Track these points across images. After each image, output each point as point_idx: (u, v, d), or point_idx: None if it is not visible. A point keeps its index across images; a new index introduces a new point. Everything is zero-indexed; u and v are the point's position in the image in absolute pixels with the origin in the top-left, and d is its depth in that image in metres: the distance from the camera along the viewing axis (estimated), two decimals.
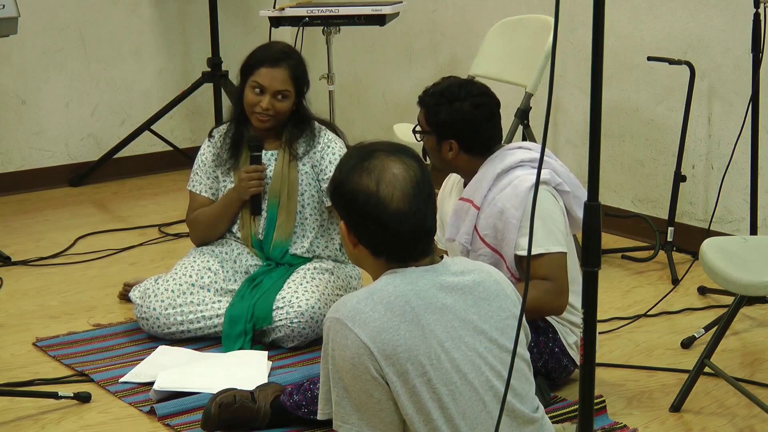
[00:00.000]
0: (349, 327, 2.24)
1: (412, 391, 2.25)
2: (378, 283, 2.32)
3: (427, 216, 2.34)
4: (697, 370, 3.15)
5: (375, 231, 2.32)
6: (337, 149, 3.77)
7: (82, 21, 5.85)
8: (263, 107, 3.67)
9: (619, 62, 4.72)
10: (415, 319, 2.26)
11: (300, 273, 3.69)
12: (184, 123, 6.24)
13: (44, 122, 5.82)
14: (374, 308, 2.25)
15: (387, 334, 2.23)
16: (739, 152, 4.14)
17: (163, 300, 3.65)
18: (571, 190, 3.18)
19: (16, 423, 3.13)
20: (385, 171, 2.31)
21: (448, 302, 2.31)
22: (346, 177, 2.33)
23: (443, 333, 2.28)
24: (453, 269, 2.36)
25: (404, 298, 2.27)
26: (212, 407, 2.98)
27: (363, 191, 2.30)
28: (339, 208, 2.38)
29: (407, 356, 2.24)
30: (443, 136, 3.21)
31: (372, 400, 2.26)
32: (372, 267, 2.39)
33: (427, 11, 5.67)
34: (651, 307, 3.85)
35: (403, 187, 2.30)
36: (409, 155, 2.36)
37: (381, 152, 2.34)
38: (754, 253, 3.13)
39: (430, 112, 3.24)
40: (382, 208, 2.29)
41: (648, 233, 4.60)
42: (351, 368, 2.24)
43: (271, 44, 3.83)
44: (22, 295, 4.21)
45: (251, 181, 3.70)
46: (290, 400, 3.00)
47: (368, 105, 6.14)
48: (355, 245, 2.37)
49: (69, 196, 5.71)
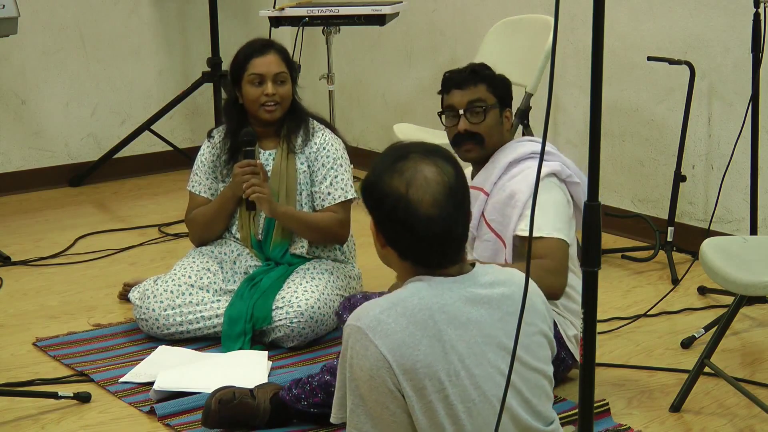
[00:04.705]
0: (369, 338, 2.20)
1: (427, 407, 2.22)
2: (403, 293, 2.27)
3: (458, 222, 2.27)
4: (697, 370, 3.15)
5: (402, 234, 2.27)
6: (332, 151, 3.76)
7: (82, 21, 5.85)
8: (269, 93, 3.67)
9: (619, 62, 4.72)
10: (437, 334, 2.22)
11: (300, 273, 3.69)
12: (184, 123, 6.25)
13: (44, 122, 5.83)
14: (397, 320, 2.21)
15: (407, 349, 2.20)
16: (739, 152, 4.14)
17: (162, 301, 3.64)
18: (582, 182, 3.18)
19: (16, 423, 3.13)
20: (417, 174, 2.25)
21: (474, 316, 2.26)
22: (378, 177, 2.28)
23: (465, 349, 2.24)
24: (483, 280, 2.31)
25: (428, 312, 2.23)
26: (212, 403, 2.98)
27: (393, 193, 2.25)
28: (369, 208, 2.32)
29: (426, 372, 2.20)
30: (506, 105, 3.21)
31: (387, 411, 2.23)
32: (399, 269, 2.35)
33: (427, 11, 5.66)
34: (651, 307, 3.85)
35: (434, 191, 2.24)
36: (445, 158, 2.30)
37: (416, 154, 2.28)
38: (754, 253, 3.13)
39: (493, 83, 3.19)
40: (411, 212, 2.24)
41: (648, 233, 4.61)
42: (368, 379, 2.21)
43: (251, 41, 3.81)
44: (22, 295, 4.21)
45: (245, 176, 3.70)
46: (289, 394, 3.00)
47: (368, 105, 6.14)
48: (383, 246, 2.32)
49: (69, 196, 5.71)
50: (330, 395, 2.94)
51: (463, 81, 3.19)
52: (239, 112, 3.78)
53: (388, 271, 2.26)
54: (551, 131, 5.06)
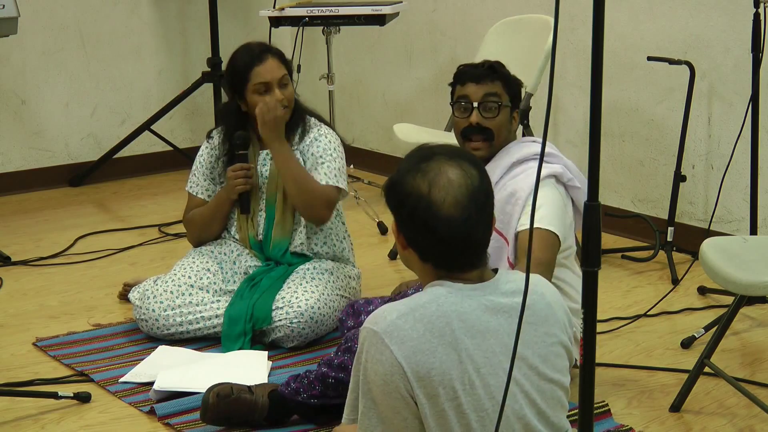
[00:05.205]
0: (385, 343, 2.18)
1: (440, 415, 2.20)
2: (422, 298, 2.25)
3: (479, 226, 2.25)
4: (697, 370, 3.15)
5: (423, 235, 2.24)
6: (324, 142, 3.74)
7: (82, 21, 5.85)
8: (279, 100, 3.67)
9: (619, 62, 4.72)
10: (454, 343, 2.20)
11: (299, 273, 3.69)
12: (183, 123, 6.25)
13: (44, 122, 5.83)
14: (414, 327, 2.19)
15: (423, 356, 2.18)
16: (739, 152, 4.14)
17: (162, 301, 3.64)
18: (582, 186, 3.18)
19: (16, 423, 3.13)
20: (440, 175, 2.23)
21: (492, 325, 2.24)
22: (402, 177, 2.26)
23: (481, 358, 2.22)
24: (504, 288, 2.28)
25: (446, 319, 2.20)
26: (210, 397, 2.97)
27: (415, 193, 2.23)
28: (391, 207, 2.30)
29: (440, 380, 2.18)
30: (516, 106, 3.20)
31: (399, 417, 2.21)
32: (420, 271, 2.32)
33: (427, 11, 5.66)
34: (651, 307, 3.85)
35: (457, 193, 2.22)
36: (470, 162, 2.28)
37: (441, 156, 2.26)
38: (754, 253, 3.13)
39: (508, 82, 3.18)
40: (432, 213, 2.21)
41: (648, 233, 4.60)
42: (382, 384, 2.20)
43: (246, 48, 3.77)
44: (22, 295, 4.21)
45: (237, 179, 3.70)
46: (288, 388, 3.00)
47: (368, 105, 6.14)
48: (405, 247, 2.30)
49: (69, 196, 5.71)
50: (327, 387, 2.95)
51: (481, 76, 3.17)
52: (240, 119, 3.76)
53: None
54: (551, 131, 5.06)
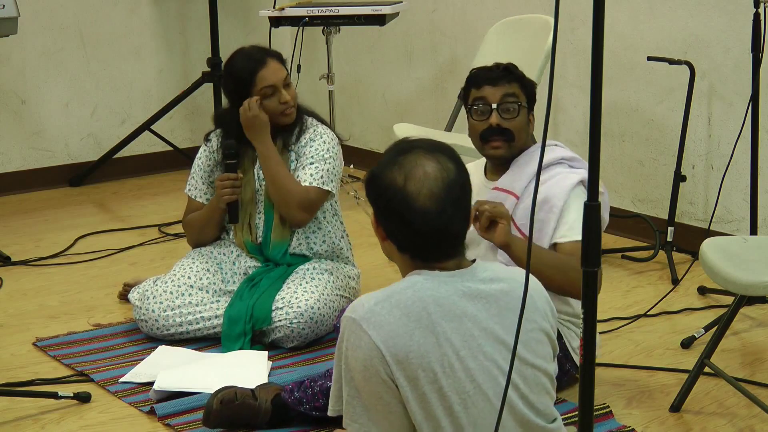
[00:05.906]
0: (363, 328, 2.23)
1: (421, 398, 2.24)
2: (399, 285, 2.30)
3: (455, 219, 2.30)
4: (697, 370, 3.15)
5: (400, 227, 2.31)
6: (318, 143, 3.73)
7: (82, 21, 5.85)
8: (286, 101, 3.68)
9: (619, 62, 4.72)
10: (431, 326, 2.24)
11: (299, 273, 3.69)
12: (184, 123, 6.25)
13: (44, 122, 5.83)
14: (391, 311, 2.24)
15: (400, 339, 2.22)
16: (739, 152, 4.14)
17: (162, 302, 3.64)
18: (604, 191, 3.17)
19: (16, 423, 3.13)
20: (416, 168, 2.28)
21: (470, 310, 2.28)
22: (380, 170, 2.32)
23: (460, 341, 2.25)
24: (482, 275, 2.33)
25: (422, 304, 2.25)
26: (214, 402, 2.98)
27: (391, 186, 2.28)
28: (370, 200, 2.36)
29: (419, 362, 2.22)
30: (532, 108, 3.19)
31: (381, 402, 2.25)
32: (399, 261, 2.38)
33: (427, 11, 5.66)
34: (651, 307, 3.85)
35: (432, 186, 2.27)
36: (448, 156, 2.32)
37: (419, 149, 2.31)
38: (754, 253, 3.13)
39: (523, 83, 3.17)
40: (407, 205, 2.27)
41: (648, 233, 4.61)
42: (362, 369, 2.24)
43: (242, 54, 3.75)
44: (21, 295, 4.21)
45: (224, 189, 3.70)
46: (291, 396, 3.00)
47: (368, 105, 6.14)
48: (384, 239, 2.36)
49: (69, 196, 5.71)
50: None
51: (497, 78, 3.16)
52: (241, 126, 3.74)
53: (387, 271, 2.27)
54: (551, 131, 5.06)
